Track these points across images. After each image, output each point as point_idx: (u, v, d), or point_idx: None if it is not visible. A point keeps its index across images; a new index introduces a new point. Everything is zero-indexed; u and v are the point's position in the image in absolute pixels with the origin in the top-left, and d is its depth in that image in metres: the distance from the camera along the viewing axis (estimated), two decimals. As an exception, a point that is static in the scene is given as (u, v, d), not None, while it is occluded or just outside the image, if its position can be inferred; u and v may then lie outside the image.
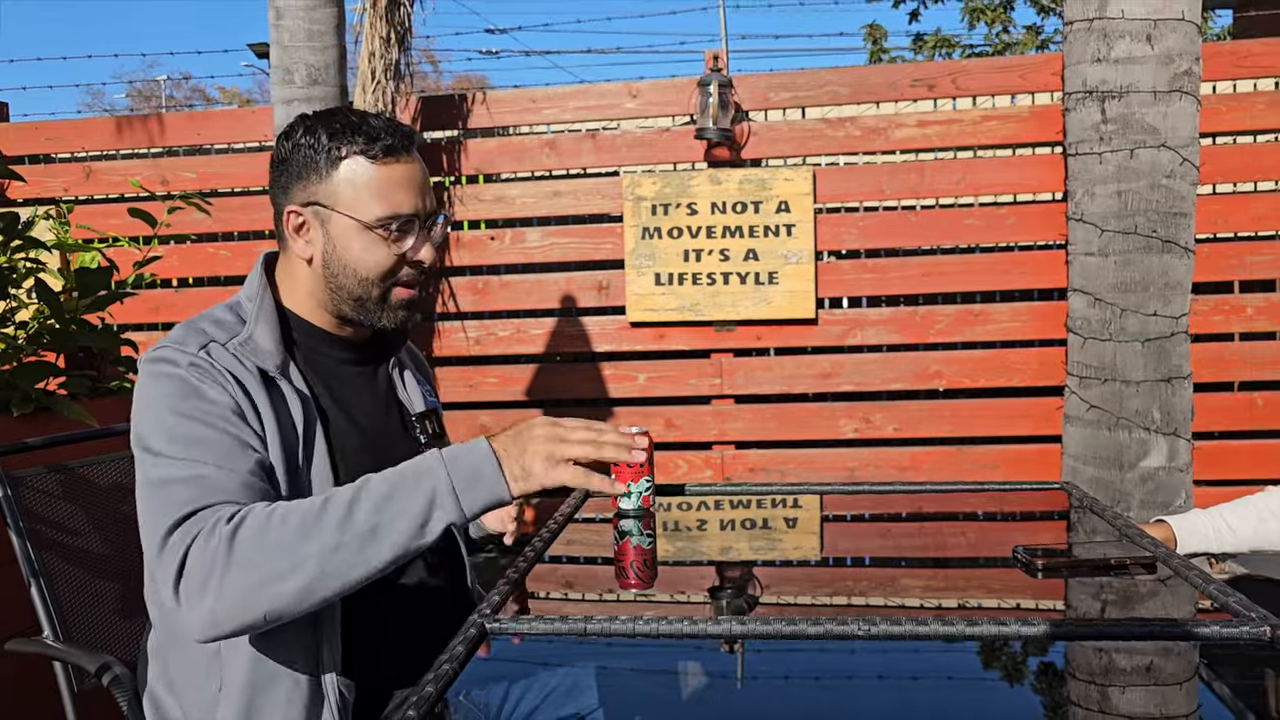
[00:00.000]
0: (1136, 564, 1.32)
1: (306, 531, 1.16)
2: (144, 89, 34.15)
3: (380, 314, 1.44)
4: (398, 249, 1.40)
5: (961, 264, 3.77)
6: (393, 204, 1.38)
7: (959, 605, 1.40)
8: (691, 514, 1.88)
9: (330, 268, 1.41)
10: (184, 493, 1.22)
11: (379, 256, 1.40)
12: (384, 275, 1.41)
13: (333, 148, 1.38)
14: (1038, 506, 1.92)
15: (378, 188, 1.38)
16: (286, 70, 3.72)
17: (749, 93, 3.84)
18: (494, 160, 4.05)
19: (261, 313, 1.40)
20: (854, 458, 3.84)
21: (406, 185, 1.40)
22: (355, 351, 1.51)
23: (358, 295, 1.42)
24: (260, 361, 1.35)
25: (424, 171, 1.44)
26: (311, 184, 1.40)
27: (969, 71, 3.73)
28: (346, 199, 1.39)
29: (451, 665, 0.99)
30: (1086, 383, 3.36)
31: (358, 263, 1.40)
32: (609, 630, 1.09)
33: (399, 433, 1.54)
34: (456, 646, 1.03)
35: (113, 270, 2.40)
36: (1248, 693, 1.12)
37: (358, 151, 1.38)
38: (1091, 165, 3.30)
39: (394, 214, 1.38)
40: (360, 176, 1.38)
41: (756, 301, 3.81)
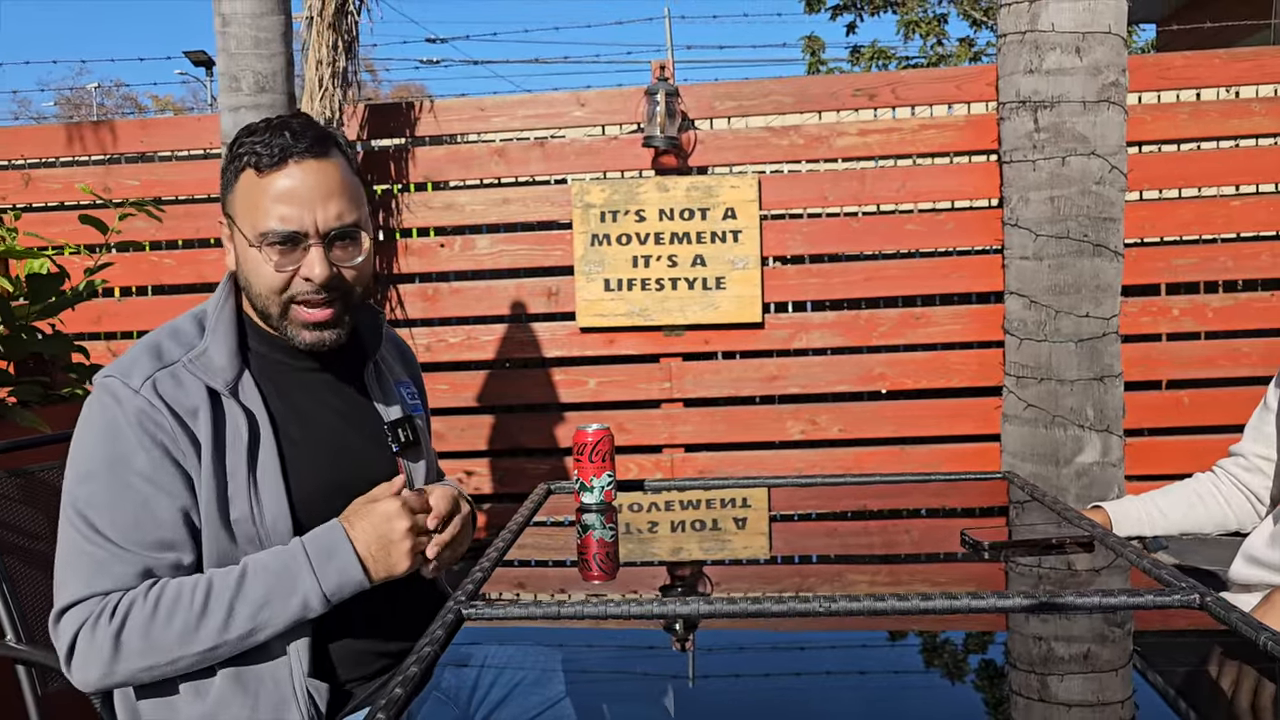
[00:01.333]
0: (1075, 543, 1.40)
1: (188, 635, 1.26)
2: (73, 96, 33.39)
3: (287, 332, 1.41)
4: (283, 266, 1.35)
5: (903, 268, 3.87)
6: (271, 219, 1.33)
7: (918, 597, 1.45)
8: (643, 515, 1.93)
9: (241, 282, 1.42)
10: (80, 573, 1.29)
11: (266, 274, 1.36)
12: (276, 291, 1.37)
13: (234, 159, 1.37)
14: (982, 496, 2.00)
15: (259, 202, 1.34)
16: (233, 78, 3.71)
17: (695, 102, 3.91)
18: (442, 168, 4.07)
19: (219, 324, 1.39)
20: (801, 459, 3.92)
21: (291, 198, 1.34)
22: (316, 359, 1.48)
23: (261, 309, 1.40)
24: (210, 380, 1.35)
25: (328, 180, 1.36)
26: (226, 196, 1.40)
27: (908, 82, 3.84)
28: (240, 213, 1.37)
29: (432, 648, 1.02)
30: (1023, 382, 3.47)
31: (253, 277, 1.38)
32: (582, 614, 1.14)
33: (367, 441, 1.52)
34: (436, 630, 1.07)
35: (64, 277, 2.39)
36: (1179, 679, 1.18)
37: (250, 164, 1.35)
38: (1025, 172, 3.42)
39: (270, 229, 1.33)
40: (248, 190, 1.35)
41: (704, 306, 3.87)
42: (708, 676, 1.20)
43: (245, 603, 1.27)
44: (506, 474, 4.07)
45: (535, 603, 1.16)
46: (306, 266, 1.35)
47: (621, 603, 1.13)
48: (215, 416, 1.34)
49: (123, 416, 1.30)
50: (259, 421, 1.38)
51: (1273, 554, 1.68)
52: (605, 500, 1.75)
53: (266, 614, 1.27)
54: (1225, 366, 3.75)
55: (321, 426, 1.46)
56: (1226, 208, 3.74)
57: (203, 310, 1.44)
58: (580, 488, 1.75)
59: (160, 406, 1.31)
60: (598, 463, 1.74)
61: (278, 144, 1.33)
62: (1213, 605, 1.13)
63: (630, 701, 1.15)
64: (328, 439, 1.46)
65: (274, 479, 1.36)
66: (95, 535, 1.28)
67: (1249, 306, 3.74)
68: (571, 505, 1.81)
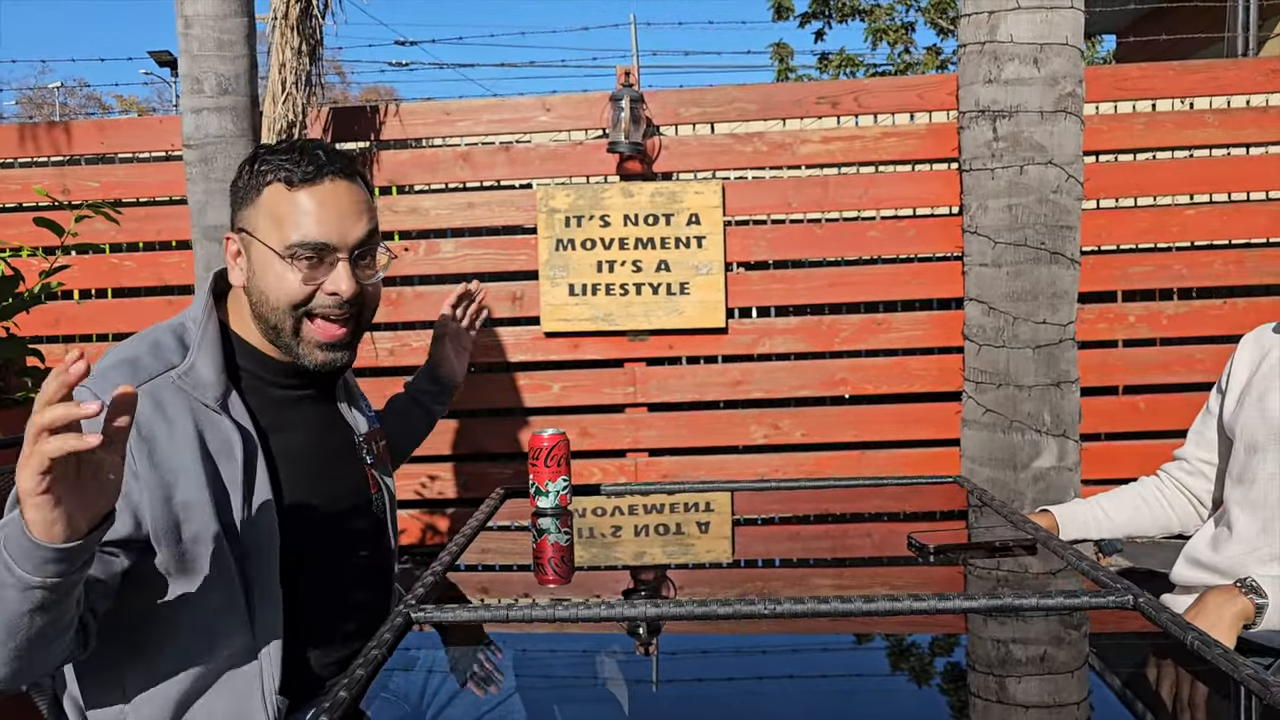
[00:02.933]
0: (1019, 546, 1.43)
1: None
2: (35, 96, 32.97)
3: (296, 349, 1.43)
4: (310, 279, 1.39)
5: (865, 275, 3.91)
6: (302, 231, 1.37)
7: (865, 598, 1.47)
8: (600, 520, 1.94)
9: (252, 295, 1.42)
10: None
11: (289, 285, 1.39)
12: (294, 304, 1.40)
13: (259, 174, 1.40)
14: (934, 500, 2.03)
15: (289, 214, 1.38)
16: (196, 79, 3.69)
17: (660, 108, 3.93)
18: (407, 172, 4.07)
19: (205, 340, 1.39)
20: (764, 463, 3.94)
21: (321, 212, 1.38)
22: (299, 376, 1.50)
23: (273, 324, 1.42)
24: (200, 395, 1.35)
25: (354, 199, 1.42)
26: (244, 210, 1.43)
27: (870, 90, 3.88)
28: (264, 226, 1.40)
29: (380, 651, 1.03)
30: (982, 388, 3.52)
31: (272, 290, 1.40)
32: (530, 616, 1.15)
33: (344, 453, 1.56)
34: (384, 634, 1.07)
35: (18, 279, 2.37)
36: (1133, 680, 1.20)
37: (279, 179, 1.39)
38: (984, 181, 3.47)
39: (302, 241, 1.37)
40: (277, 203, 1.39)
41: (669, 311, 3.89)
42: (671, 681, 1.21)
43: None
44: (470, 479, 4.07)
45: (484, 606, 1.17)
46: (333, 281, 1.39)
47: (570, 605, 1.14)
48: (207, 429, 1.34)
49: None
50: (252, 437, 1.39)
51: (1213, 556, 1.72)
52: (560, 505, 1.76)
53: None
54: (1180, 372, 3.81)
55: (304, 442, 1.49)
56: (1181, 216, 3.80)
57: (180, 325, 1.43)
58: (535, 492, 1.76)
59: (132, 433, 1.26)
60: (553, 467, 1.75)
61: (310, 162, 1.38)
62: (1145, 606, 1.16)
63: (584, 704, 1.16)
64: (312, 452, 1.49)
65: (266, 493, 1.38)
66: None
67: (1203, 313, 3.80)
68: (528, 509, 1.82)
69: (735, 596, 1.43)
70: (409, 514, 4.14)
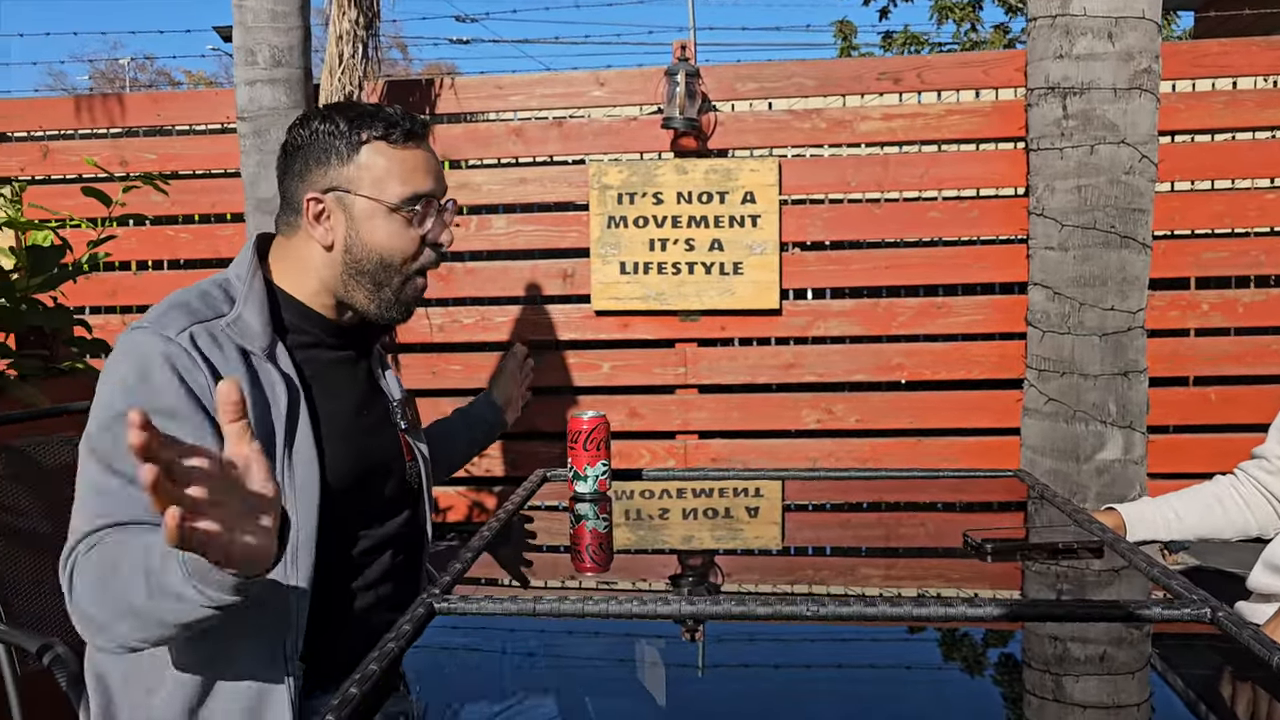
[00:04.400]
0: (1084, 548, 1.34)
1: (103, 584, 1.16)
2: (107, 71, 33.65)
3: (394, 304, 1.46)
4: (420, 231, 1.43)
5: (924, 257, 3.79)
6: (414, 184, 1.42)
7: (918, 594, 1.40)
8: (654, 502, 1.88)
9: (353, 252, 1.43)
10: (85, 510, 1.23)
11: (403, 240, 1.43)
12: (407, 259, 1.44)
13: (353, 133, 1.41)
14: (993, 494, 1.93)
15: (399, 170, 1.42)
16: (249, 51, 3.68)
17: (716, 83, 3.84)
18: (460, 146, 4.03)
19: (252, 293, 1.40)
20: (816, 448, 3.86)
21: (425, 168, 1.44)
22: (341, 338, 1.51)
23: (379, 280, 1.44)
24: (247, 343, 1.35)
25: (437, 158, 1.49)
26: (333, 169, 1.42)
27: (934, 66, 3.75)
28: (369, 182, 1.41)
29: (398, 643, 0.98)
30: (1045, 376, 3.39)
31: (382, 246, 1.42)
32: (558, 611, 1.09)
33: (381, 419, 1.55)
34: (404, 625, 1.02)
35: (65, 249, 2.36)
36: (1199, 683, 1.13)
37: (378, 136, 1.41)
38: (1052, 160, 3.33)
39: (416, 193, 1.42)
40: (382, 160, 1.41)
41: (721, 291, 3.81)
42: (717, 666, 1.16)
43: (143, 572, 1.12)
44: (518, 457, 4.03)
45: (510, 598, 1.12)
46: (436, 232, 1.45)
47: (600, 601, 1.09)
48: (251, 379, 1.34)
49: (154, 359, 1.28)
50: (297, 389, 1.39)
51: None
52: (599, 490, 1.70)
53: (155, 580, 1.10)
54: (1255, 364, 3.65)
55: (345, 402, 1.49)
56: (1260, 200, 3.63)
57: (224, 279, 1.44)
58: (574, 476, 1.71)
59: (196, 357, 1.30)
60: (592, 451, 1.69)
61: (407, 121, 1.43)
62: (1224, 621, 1.07)
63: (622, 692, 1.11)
64: (350, 415, 1.49)
65: (308, 447, 1.38)
66: (107, 471, 1.24)
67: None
68: (567, 493, 1.76)
69: (781, 587, 1.37)
70: (456, 491, 4.12)
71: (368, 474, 1.47)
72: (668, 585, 1.43)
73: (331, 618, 1.38)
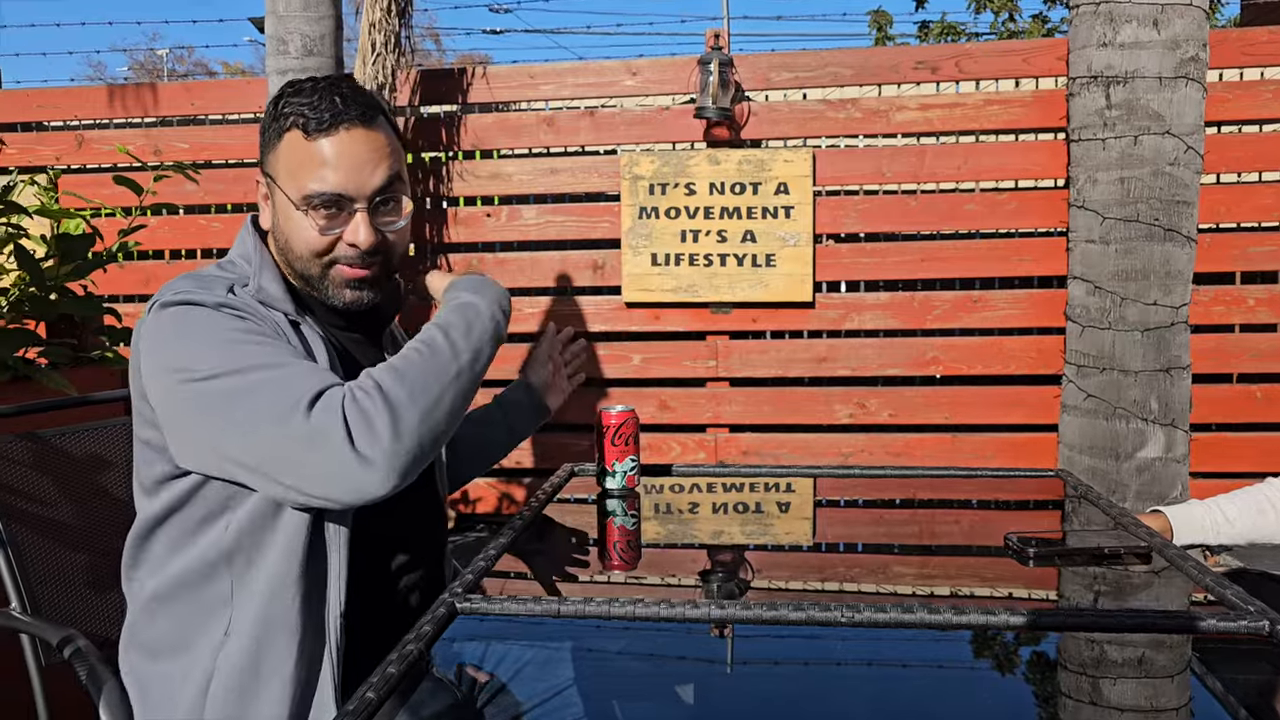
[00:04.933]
0: (1131, 554, 1.29)
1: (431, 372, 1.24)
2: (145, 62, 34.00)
3: (326, 291, 1.39)
4: (326, 230, 1.34)
5: (961, 250, 3.72)
6: (316, 182, 1.32)
7: (951, 594, 1.36)
8: (684, 496, 1.85)
9: (278, 240, 1.39)
10: (300, 380, 1.19)
11: (308, 236, 1.35)
12: (316, 254, 1.36)
13: (279, 118, 1.35)
14: (1032, 494, 1.88)
15: (305, 164, 1.33)
16: (281, 40, 3.67)
17: (750, 72, 3.78)
18: (491, 136, 4.00)
19: (264, 268, 1.37)
20: (848, 443, 3.80)
21: (338, 162, 1.33)
22: (344, 318, 1.46)
23: (299, 270, 1.39)
24: (278, 306, 1.33)
25: (375, 147, 1.36)
26: (267, 154, 1.38)
27: (972, 55, 3.68)
28: (283, 173, 1.35)
29: (417, 645, 0.95)
30: (1085, 371, 3.32)
31: (293, 239, 1.36)
32: (583, 612, 1.06)
33: None
34: (424, 626, 0.99)
35: (95, 238, 2.35)
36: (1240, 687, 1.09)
37: (297, 125, 1.33)
38: (1094, 151, 3.25)
39: (316, 193, 1.32)
40: (293, 151, 1.34)
41: (753, 284, 3.76)
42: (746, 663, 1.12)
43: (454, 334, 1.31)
44: (547, 449, 4.01)
45: (535, 599, 1.09)
46: (351, 232, 1.35)
47: (626, 602, 1.05)
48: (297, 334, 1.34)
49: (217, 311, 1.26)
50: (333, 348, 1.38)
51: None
52: (628, 486, 1.67)
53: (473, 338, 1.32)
54: (1302, 361, 3.55)
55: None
56: (1310, 193, 3.53)
57: (229, 261, 1.40)
58: (602, 473, 1.67)
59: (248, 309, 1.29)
60: (620, 446, 1.66)
61: (327, 109, 1.32)
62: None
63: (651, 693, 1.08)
64: None
65: None
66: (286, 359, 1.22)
67: (1331, 298, 3.53)
68: (595, 487, 1.73)
69: (812, 584, 1.34)
70: (485, 482, 4.11)
71: None
72: (699, 582, 1.40)
73: (363, 606, 1.35)
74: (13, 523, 1.59)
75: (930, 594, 1.35)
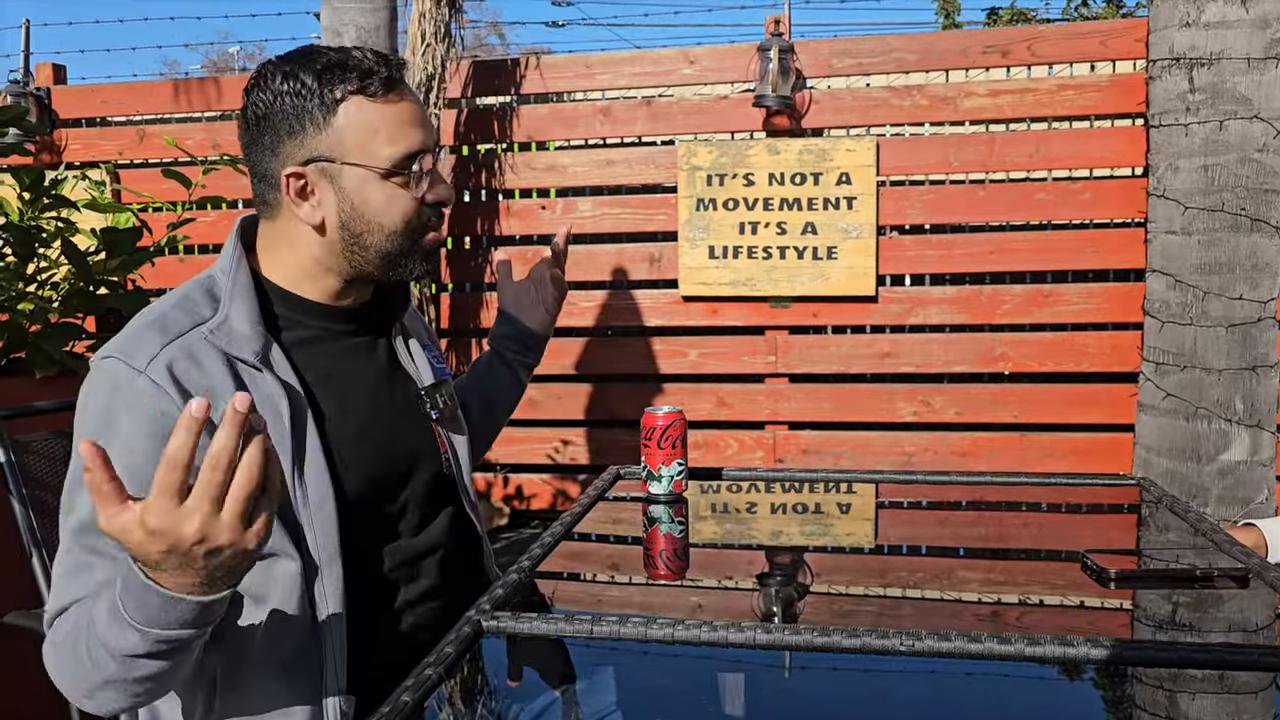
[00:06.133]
0: (1225, 576, 1.17)
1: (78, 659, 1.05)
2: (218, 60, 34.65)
3: (411, 266, 1.30)
4: (419, 192, 1.26)
5: (1031, 241, 3.57)
6: (406, 142, 1.23)
7: (1019, 602, 1.27)
8: (739, 497, 1.76)
9: (350, 228, 1.25)
10: (59, 581, 1.12)
11: (405, 206, 1.25)
12: (411, 223, 1.26)
13: (325, 90, 1.21)
14: (1110, 502, 1.76)
15: (387, 128, 1.22)
16: (336, 32, 3.64)
17: (811, 59, 3.67)
18: (546, 127, 3.94)
19: (237, 290, 1.23)
20: (912, 441, 3.68)
21: (413, 120, 1.25)
22: (351, 321, 1.34)
23: (386, 251, 1.27)
24: (236, 350, 1.19)
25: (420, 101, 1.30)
26: (309, 137, 1.22)
27: (1045, 38, 3.52)
28: (354, 146, 1.22)
29: (436, 670, 0.88)
30: (1164, 369, 3.16)
31: (381, 215, 1.24)
32: (618, 634, 0.98)
33: (406, 408, 1.37)
34: (445, 648, 0.92)
35: (142, 231, 2.33)
36: None
37: (355, 90, 1.21)
38: (1176, 137, 3.09)
39: (409, 151, 1.23)
40: (365, 118, 1.21)
41: (814, 277, 3.65)
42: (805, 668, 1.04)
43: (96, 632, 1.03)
44: (602, 445, 3.94)
45: (566, 618, 1.01)
46: (434, 190, 1.27)
47: (665, 624, 0.97)
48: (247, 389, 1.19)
49: (121, 403, 1.13)
50: (300, 396, 1.24)
51: None
52: (674, 491, 1.58)
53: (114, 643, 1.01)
54: (1400, 359, 3.34)
55: (360, 395, 1.33)
56: None
57: (209, 278, 1.27)
58: (647, 476, 1.59)
59: (169, 389, 1.14)
60: (667, 449, 1.57)
61: (380, 68, 1.23)
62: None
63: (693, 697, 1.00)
64: (367, 408, 1.33)
65: (317, 457, 1.22)
66: (77, 537, 1.12)
67: None
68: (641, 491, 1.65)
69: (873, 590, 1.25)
70: (540, 479, 4.06)
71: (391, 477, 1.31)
72: (755, 585, 1.31)
73: (378, 639, 1.26)
74: (48, 523, 1.56)
75: (997, 601, 1.27)
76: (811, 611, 1.25)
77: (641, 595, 1.33)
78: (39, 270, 2.30)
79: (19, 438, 1.60)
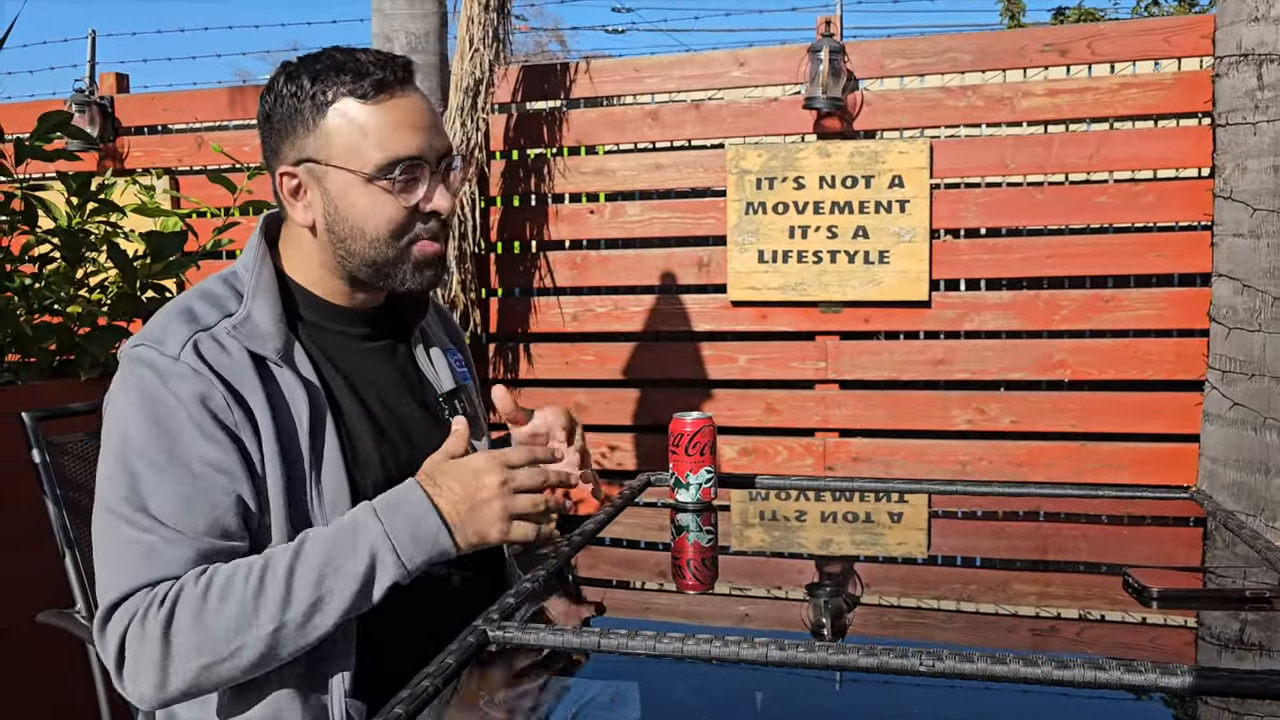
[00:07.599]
0: (1278, 597, 1.10)
1: (244, 618, 1.08)
2: (285, 69, 35.46)
3: (402, 276, 1.26)
4: (407, 200, 1.22)
5: (1091, 245, 3.47)
6: (394, 147, 1.20)
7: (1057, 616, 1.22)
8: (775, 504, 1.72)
9: (336, 232, 1.24)
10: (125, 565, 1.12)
11: (388, 211, 1.22)
12: (396, 232, 1.23)
13: (317, 92, 1.21)
14: (1162, 517, 1.68)
15: (375, 132, 1.20)
16: (386, 38, 3.67)
17: (863, 60, 3.61)
18: (595, 131, 3.93)
19: (260, 287, 1.24)
20: (966, 450, 3.59)
21: (407, 124, 1.21)
22: (369, 325, 1.34)
23: (371, 259, 1.24)
24: (258, 347, 1.19)
25: (430, 107, 1.26)
26: (300, 138, 1.23)
27: (1106, 35, 3.42)
28: (340, 149, 1.21)
29: (433, 681, 0.85)
30: (1230, 378, 3.04)
31: (364, 222, 1.22)
32: (628, 649, 0.95)
33: (422, 414, 1.36)
34: (446, 659, 0.90)
35: (186, 235, 2.36)
36: None
37: (345, 93, 1.20)
38: (1244, 137, 2.98)
39: (395, 158, 1.20)
40: (352, 121, 1.20)
41: (865, 282, 3.59)
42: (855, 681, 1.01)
43: (305, 568, 1.09)
44: (648, 451, 3.91)
45: (574, 630, 0.98)
46: (429, 198, 1.24)
47: (674, 639, 0.94)
48: (269, 386, 1.20)
49: (164, 388, 1.14)
50: (319, 395, 1.23)
51: None
52: (703, 499, 1.54)
53: (331, 580, 1.09)
54: None
55: (378, 398, 1.32)
56: None
57: (233, 273, 1.28)
58: (675, 484, 1.55)
59: (206, 373, 1.16)
60: (695, 456, 1.53)
61: (377, 70, 1.22)
62: None
63: None
64: (384, 412, 1.32)
65: (335, 457, 1.22)
66: (143, 518, 1.12)
67: None
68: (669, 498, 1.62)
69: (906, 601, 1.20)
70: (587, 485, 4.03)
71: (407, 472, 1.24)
72: (777, 596, 1.27)
73: (389, 644, 1.24)
74: (80, 523, 1.57)
75: (1035, 615, 1.21)
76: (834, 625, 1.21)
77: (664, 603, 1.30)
78: (87, 274, 2.34)
79: (54, 438, 1.62)
